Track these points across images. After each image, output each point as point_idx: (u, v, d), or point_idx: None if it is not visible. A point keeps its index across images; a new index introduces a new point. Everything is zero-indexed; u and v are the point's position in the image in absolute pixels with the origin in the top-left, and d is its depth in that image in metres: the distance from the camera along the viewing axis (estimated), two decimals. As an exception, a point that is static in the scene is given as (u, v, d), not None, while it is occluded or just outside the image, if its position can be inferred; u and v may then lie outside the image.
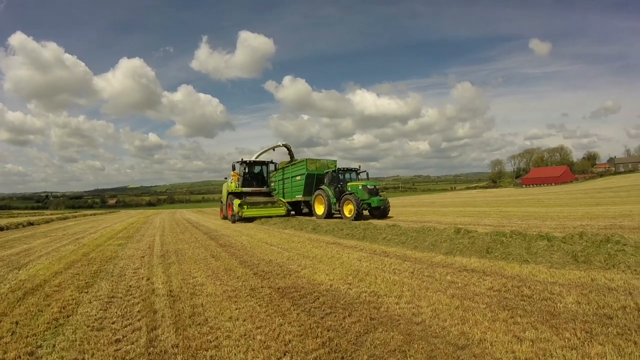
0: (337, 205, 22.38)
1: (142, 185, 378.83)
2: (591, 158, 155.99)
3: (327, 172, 24.38)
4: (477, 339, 3.95)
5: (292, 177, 27.85)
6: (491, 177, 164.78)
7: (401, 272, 7.17)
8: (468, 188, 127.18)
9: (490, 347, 3.75)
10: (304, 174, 26.06)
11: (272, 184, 29.35)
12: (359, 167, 25.01)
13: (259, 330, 4.41)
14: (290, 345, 3.99)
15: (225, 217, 27.03)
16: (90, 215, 53.05)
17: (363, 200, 20.97)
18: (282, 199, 26.75)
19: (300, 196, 26.45)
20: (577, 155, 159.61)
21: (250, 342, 4.09)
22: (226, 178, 28.29)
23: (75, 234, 18.66)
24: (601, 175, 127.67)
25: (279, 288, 6.25)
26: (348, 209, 21.06)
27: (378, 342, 3.98)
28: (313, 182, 25.90)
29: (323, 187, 23.85)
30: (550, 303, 4.98)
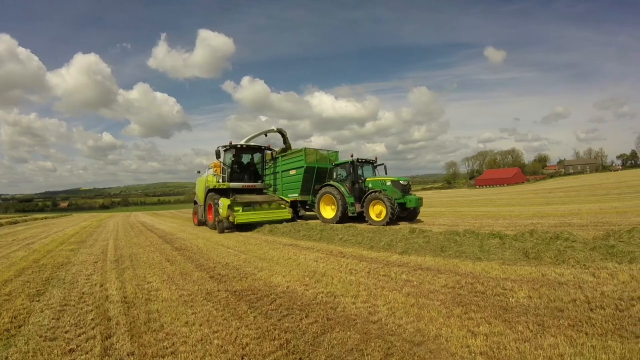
0: (356, 205, 17.87)
1: (95, 187, 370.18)
2: (542, 160, 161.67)
3: (337, 165, 19.84)
4: (432, 335, 4.03)
5: (284, 170, 22.37)
6: (446, 178, 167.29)
7: (357, 272, 7.24)
8: (424, 189, 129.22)
9: (445, 343, 3.84)
10: (302, 167, 20.72)
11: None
12: (376, 159, 19.93)
13: (216, 334, 4.36)
14: (247, 348, 3.96)
15: (202, 223, 21.42)
16: (42, 219, 51.34)
17: (396, 199, 16.67)
18: (284, 198, 21.14)
19: (297, 195, 21.18)
20: (528, 158, 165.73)
21: (207, 347, 4.04)
22: (199, 172, 23.58)
23: (25, 239, 18.10)
24: (551, 176, 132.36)
25: (235, 291, 6.20)
26: (377, 211, 16.63)
27: (335, 342, 4.00)
28: (312, 177, 21.14)
29: (333, 183, 19.00)
30: (503, 298, 5.14)
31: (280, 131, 24.51)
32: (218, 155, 18.79)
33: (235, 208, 17.35)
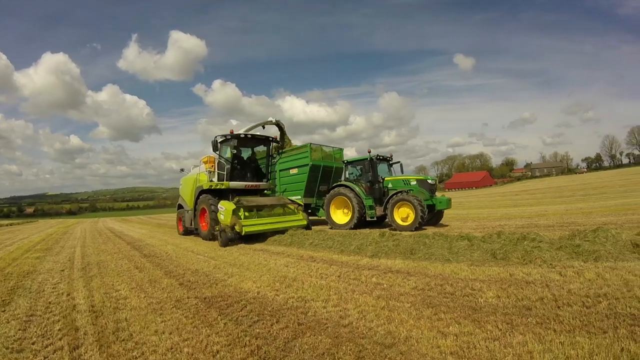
0: (376, 209, 15.80)
1: (62, 192, 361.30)
2: (509, 164, 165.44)
3: (350, 162, 17.63)
4: (403, 337, 4.04)
5: (283, 169, 19.77)
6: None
7: (328, 276, 7.24)
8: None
9: (416, 344, 3.86)
10: (306, 165, 18.36)
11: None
12: (391, 156, 17.73)
13: (186, 342, 4.29)
14: (218, 356, 3.92)
15: (189, 232, 18.28)
16: (6, 225, 50.29)
17: (424, 200, 14.47)
18: (296, 201, 17.10)
19: (300, 197, 18.28)
20: (496, 162, 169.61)
21: (178, 355, 3.98)
22: (183, 169, 20.25)
23: (-11, 248, 17.47)
24: (518, 179, 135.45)
25: (205, 298, 6.12)
26: (403, 215, 14.38)
27: (307, 347, 3.98)
28: (318, 177, 18.87)
29: (346, 183, 16.81)
30: (472, 298, 5.21)
31: (278, 124, 19.95)
32: (215, 147, 14.73)
33: (241, 212, 13.75)
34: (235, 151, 15.60)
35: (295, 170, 19.22)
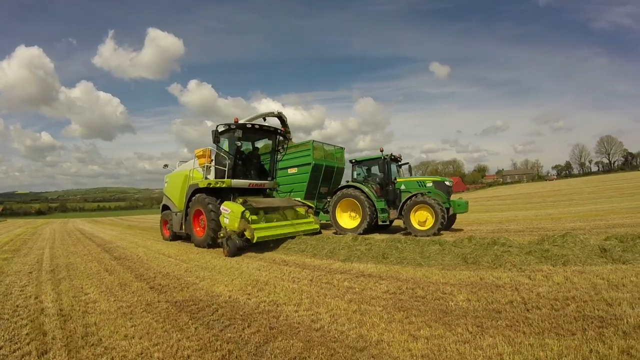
0: (390, 212, 14.76)
1: (32, 191, 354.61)
2: (481, 170, 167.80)
3: (359, 162, 16.35)
4: (374, 340, 4.06)
5: (282, 168, 17.38)
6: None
7: (300, 280, 7.24)
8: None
9: (387, 347, 3.88)
10: (308, 164, 17.10)
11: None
12: (400, 156, 16.38)
13: (156, 347, 4.23)
14: (188, 360, 3.88)
15: (177, 237, 16.06)
16: (-26, 224, 49.13)
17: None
18: (306, 202, 15.34)
19: (300, 199, 16.06)
20: (468, 168, 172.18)
21: (147, 360, 3.94)
22: (167, 165, 18.06)
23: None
24: (490, 185, 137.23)
25: (176, 302, 6.05)
26: (421, 219, 13.53)
27: (278, 351, 3.96)
28: (319, 178, 17.72)
29: (355, 184, 15.49)
30: (443, 302, 5.26)
31: (280, 116, 17.69)
32: (216, 138, 12.68)
33: (248, 216, 11.66)
34: (239, 143, 13.05)
35: (294, 170, 17.80)
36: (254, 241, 10.81)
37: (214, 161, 13.48)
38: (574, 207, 22.29)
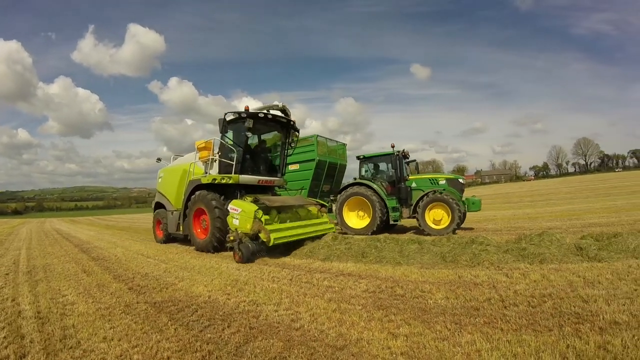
0: (403, 210, 14.18)
1: (8, 190, 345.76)
2: (460, 170, 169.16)
3: (367, 158, 15.48)
4: (354, 339, 4.08)
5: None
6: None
7: (280, 279, 7.23)
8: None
9: (367, 345, 3.90)
10: (312, 160, 16.20)
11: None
12: (407, 153, 15.62)
13: (136, 349, 4.18)
14: (168, 361, 3.86)
15: (171, 239, 14.83)
16: (-53, 224, 48.08)
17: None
18: (320, 201, 14.12)
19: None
20: (447, 168, 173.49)
21: (127, 362, 3.90)
22: (160, 159, 16.92)
23: None
24: (469, 185, 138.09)
25: (155, 303, 6.00)
26: (436, 217, 13.17)
27: (258, 351, 3.95)
28: (322, 175, 16.88)
29: (364, 181, 14.74)
30: (422, 300, 5.31)
31: (284, 109, 13.98)
32: (224, 128, 11.40)
33: (260, 215, 10.02)
34: (250, 134, 11.81)
35: (296, 166, 16.61)
36: (270, 244, 9.39)
37: (216, 154, 12.24)
38: (550, 207, 22.61)
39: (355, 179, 15.53)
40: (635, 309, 4.40)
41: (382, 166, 15.58)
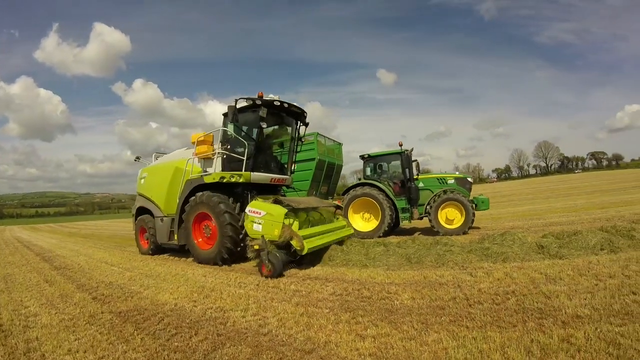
0: (413, 211, 13.51)
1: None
2: (424, 173, 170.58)
3: (373, 157, 14.85)
4: (322, 342, 4.10)
5: None
6: (337, 190, 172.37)
7: (247, 285, 7.21)
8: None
9: (335, 348, 3.93)
10: (312, 159, 14.88)
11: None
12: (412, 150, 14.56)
13: (102, 360, 4.13)
14: (135, 371, 3.81)
15: (161, 249, 12.89)
16: None
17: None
18: (336, 201, 13.50)
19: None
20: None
21: (93, 374, 3.84)
22: (138, 158, 15.29)
23: None
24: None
25: (120, 312, 5.90)
26: (450, 217, 12.83)
27: (227, 358, 3.94)
28: (322, 175, 15.78)
29: (371, 181, 13.99)
30: (388, 301, 5.38)
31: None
32: (234, 117, 9.53)
33: (292, 220, 8.73)
34: (265, 125, 10.12)
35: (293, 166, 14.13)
36: (304, 252, 8.13)
37: (225, 148, 10.22)
38: (513, 207, 23.04)
39: (359, 179, 15.14)
40: (597, 302, 4.56)
41: (389, 165, 15.03)
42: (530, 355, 3.42)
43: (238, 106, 9.64)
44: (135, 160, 15.11)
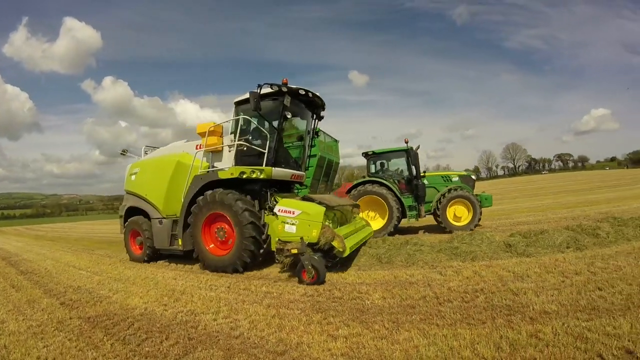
0: (420, 209, 13.14)
1: None
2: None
3: (377, 154, 14.45)
4: (294, 343, 4.11)
5: None
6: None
7: (217, 287, 7.16)
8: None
9: (307, 349, 3.94)
10: (314, 155, 13.64)
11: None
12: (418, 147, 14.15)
13: (71, 367, 4.07)
14: (105, 378, 3.76)
15: (157, 256, 11.35)
16: None
17: None
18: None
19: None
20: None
21: (62, 381, 3.78)
22: (125, 151, 13.77)
23: None
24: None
25: (89, 318, 5.80)
26: (457, 214, 12.78)
27: (199, 361, 3.91)
28: (321, 173, 15.27)
29: (377, 179, 13.55)
30: (359, 301, 5.42)
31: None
32: (256, 104, 8.10)
33: (328, 222, 8.22)
34: (290, 115, 9.05)
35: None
36: (345, 255, 7.46)
37: (241, 140, 9.00)
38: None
39: (364, 176, 14.67)
40: (563, 298, 4.70)
41: (395, 163, 14.48)
42: (500, 351, 3.49)
43: (262, 92, 8.51)
44: (122, 154, 13.63)
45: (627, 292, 4.77)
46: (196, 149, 9.93)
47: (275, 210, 7.94)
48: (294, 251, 7.17)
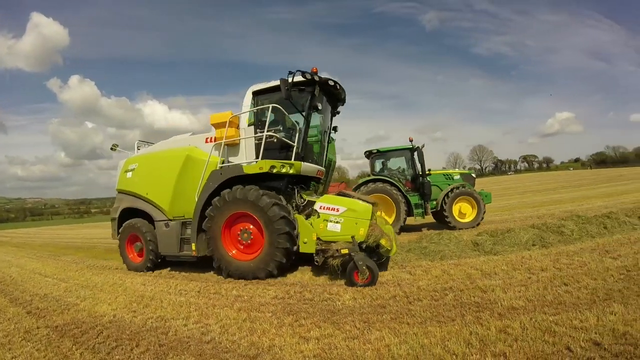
0: (426, 206, 13.05)
1: None
2: (364, 176, 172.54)
3: (381, 153, 14.42)
4: (266, 347, 4.10)
5: None
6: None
7: (187, 292, 7.10)
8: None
9: (279, 352, 3.94)
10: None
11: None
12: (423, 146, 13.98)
13: (40, 378, 4.00)
14: (74, 388, 3.71)
15: (159, 261, 9.80)
16: None
17: None
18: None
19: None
20: (352, 174, 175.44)
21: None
22: (115, 146, 12.25)
23: None
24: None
25: (57, 326, 5.68)
26: (462, 211, 12.92)
27: (170, 368, 3.88)
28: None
29: (383, 177, 13.52)
30: (330, 302, 5.46)
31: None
32: (288, 92, 7.44)
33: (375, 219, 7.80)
34: (320, 106, 8.54)
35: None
36: (392, 254, 7.35)
37: (272, 131, 8.08)
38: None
39: (369, 175, 14.58)
40: (530, 294, 4.83)
41: (399, 161, 14.49)
42: (470, 347, 3.56)
43: (293, 80, 7.65)
44: (112, 149, 12.23)
45: (592, 287, 4.92)
46: (206, 142, 8.99)
47: (316, 207, 7.44)
48: (344, 251, 6.60)
